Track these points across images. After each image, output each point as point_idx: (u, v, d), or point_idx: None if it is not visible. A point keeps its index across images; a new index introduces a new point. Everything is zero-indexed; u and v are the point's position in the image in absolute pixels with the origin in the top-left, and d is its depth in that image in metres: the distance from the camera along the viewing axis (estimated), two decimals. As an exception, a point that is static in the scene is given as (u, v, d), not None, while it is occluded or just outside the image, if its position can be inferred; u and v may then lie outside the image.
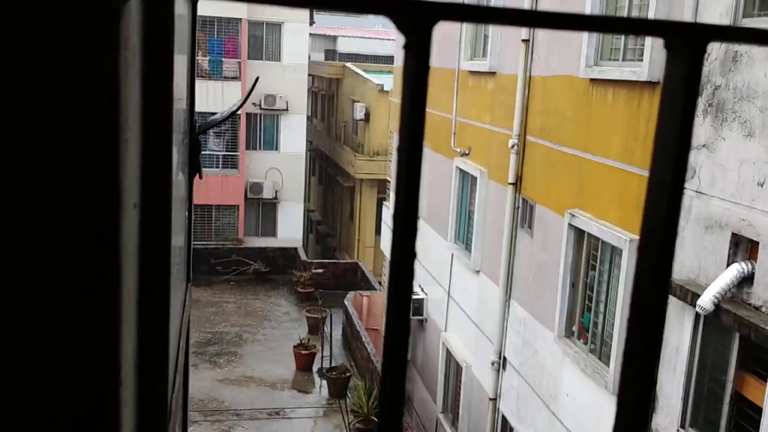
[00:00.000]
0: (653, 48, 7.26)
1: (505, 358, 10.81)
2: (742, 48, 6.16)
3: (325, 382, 16.52)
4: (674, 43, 0.44)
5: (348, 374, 16.36)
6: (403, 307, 0.45)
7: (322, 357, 17.33)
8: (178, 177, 1.31)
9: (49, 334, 0.44)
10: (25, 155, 0.41)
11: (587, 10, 8.41)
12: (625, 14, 8.01)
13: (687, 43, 0.44)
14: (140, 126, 0.56)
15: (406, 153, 0.41)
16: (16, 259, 0.42)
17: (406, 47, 0.42)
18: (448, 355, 13.10)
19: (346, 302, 18.97)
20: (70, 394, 0.45)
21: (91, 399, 0.46)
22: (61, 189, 0.42)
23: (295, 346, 17.59)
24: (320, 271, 22.68)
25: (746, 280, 5.85)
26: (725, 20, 6.35)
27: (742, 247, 6.02)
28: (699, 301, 5.98)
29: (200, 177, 1.73)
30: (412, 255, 0.45)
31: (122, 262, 0.45)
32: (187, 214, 1.63)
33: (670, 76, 0.45)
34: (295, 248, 25.35)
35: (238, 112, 24.58)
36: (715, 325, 6.24)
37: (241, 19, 24.94)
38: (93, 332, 0.44)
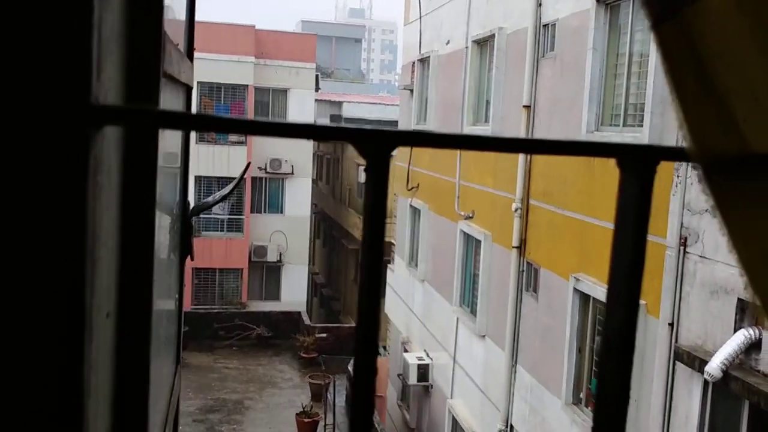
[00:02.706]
0: (653, 114, 7.36)
1: (512, 426, 10.58)
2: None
3: (328, 451, 16.16)
4: (626, 163, 0.46)
5: (352, 442, 15.99)
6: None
7: (325, 425, 16.99)
8: (170, 258, 1.33)
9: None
10: None
11: (587, 79, 8.57)
12: (623, 83, 8.17)
13: (638, 163, 0.46)
14: (119, 238, 0.58)
15: (366, 271, 0.43)
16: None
17: (366, 170, 0.44)
18: (455, 422, 12.83)
19: (349, 368, 18.71)
20: None
21: None
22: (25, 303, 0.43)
23: (297, 414, 17.27)
24: (324, 335, 22.46)
25: (754, 346, 5.78)
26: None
27: (749, 312, 5.97)
28: (707, 368, 5.89)
29: (192, 259, 1.75)
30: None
31: (86, 373, 0.46)
32: (177, 296, 1.64)
33: (623, 192, 0.47)
34: (299, 312, 25.19)
35: (244, 177, 24.85)
36: (724, 393, 6.12)
37: (247, 85, 25.48)
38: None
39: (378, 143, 0.43)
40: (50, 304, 0.42)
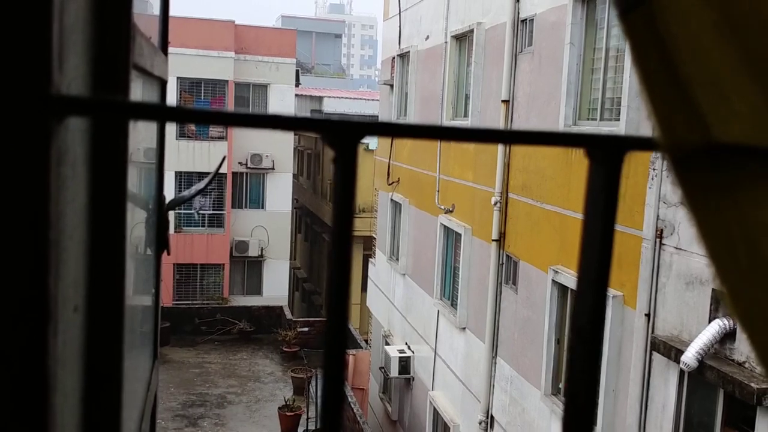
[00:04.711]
0: (629, 108, 7.43)
1: (492, 417, 10.66)
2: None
3: (310, 445, 16.15)
4: (594, 153, 0.47)
5: (334, 436, 15.99)
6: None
7: (308, 418, 16.98)
8: (145, 252, 1.31)
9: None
10: None
11: (564, 74, 8.62)
12: (600, 78, 8.22)
13: (606, 153, 0.46)
14: (88, 231, 0.57)
15: (336, 265, 0.43)
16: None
17: (334, 161, 0.44)
18: (436, 414, 12.89)
19: (331, 361, 18.69)
20: None
21: None
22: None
23: (279, 408, 17.24)
24: (306, 329, 22.43)
25: (728, 335, 5.86)
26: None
27: (723, 302, 6.05)
28: (683, 358, 5.97)
29: (168, 253, 1.74)
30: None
31: (50, 370, 0.45)
32: (154, 291, 1.63)
33: (591, 183, 0.47)
34: (281, 307, 25.13)
35: (223, 170, 24.71)
36: (699, 382, 6.21)
37: (227, 80, 25.30)
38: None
39: (345, 133, 0.43)
40: (10, 293, 0.41)
